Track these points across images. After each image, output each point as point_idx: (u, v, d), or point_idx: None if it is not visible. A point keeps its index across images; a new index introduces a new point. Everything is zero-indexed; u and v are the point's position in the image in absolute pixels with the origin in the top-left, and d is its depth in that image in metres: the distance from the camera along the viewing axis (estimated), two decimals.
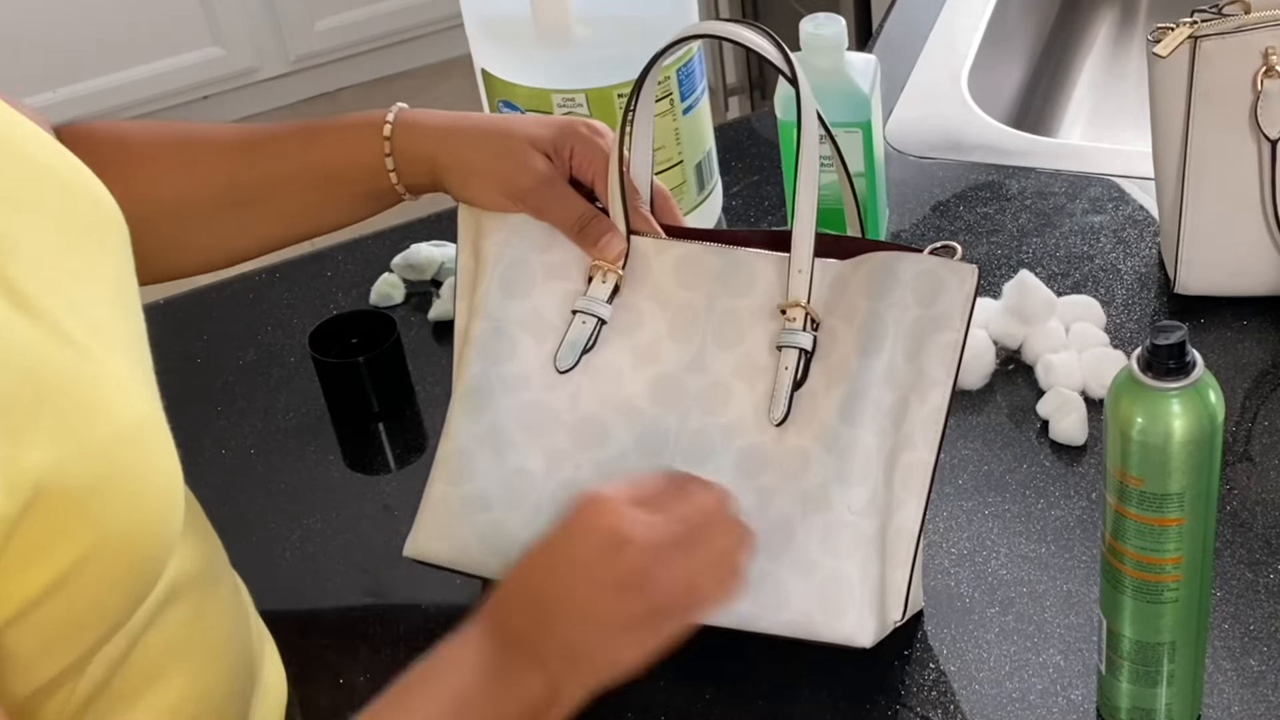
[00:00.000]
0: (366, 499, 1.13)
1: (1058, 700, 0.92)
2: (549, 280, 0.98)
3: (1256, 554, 0.99)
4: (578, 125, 0.97)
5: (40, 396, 0.69)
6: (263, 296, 1.33)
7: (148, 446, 0.76)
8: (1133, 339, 1.16)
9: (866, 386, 0.90)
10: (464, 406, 0.98)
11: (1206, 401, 0.77)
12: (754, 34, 0.91)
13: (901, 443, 0.91)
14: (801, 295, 0.93)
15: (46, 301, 0.73)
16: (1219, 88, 1.11)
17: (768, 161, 1.38)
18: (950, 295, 0.91)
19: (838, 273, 0.93)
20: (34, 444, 0.68)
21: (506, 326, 0.97)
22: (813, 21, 1.18)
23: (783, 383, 0.92)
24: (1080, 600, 0.97)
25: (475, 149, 0.98)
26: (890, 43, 1.56)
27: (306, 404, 1.21)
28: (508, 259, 0.98)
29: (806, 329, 0.92)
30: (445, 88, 3.45)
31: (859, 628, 0.91)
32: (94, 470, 0.70)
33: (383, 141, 0.98)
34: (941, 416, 0.91)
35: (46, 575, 0.69)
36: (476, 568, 0.97)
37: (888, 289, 0.91)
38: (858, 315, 0.92)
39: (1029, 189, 1.33)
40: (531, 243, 0.98)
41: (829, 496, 0.91)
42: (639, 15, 1.23)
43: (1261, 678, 0.92)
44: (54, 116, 0.94)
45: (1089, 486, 1.05)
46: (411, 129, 0.98)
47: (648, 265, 0.97)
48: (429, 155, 0.98)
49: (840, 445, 0.91)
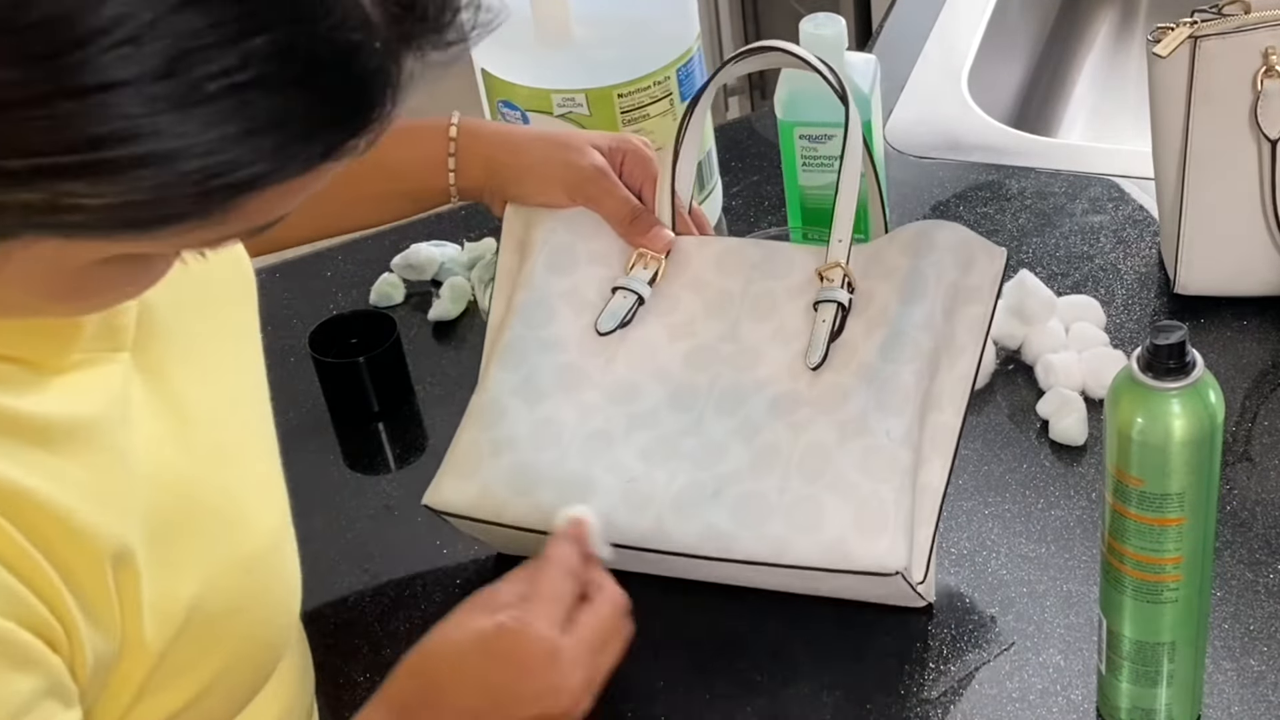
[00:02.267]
0: (366, 499, 1.13)
1: (1058, 700, 0.92)
2: (592, 265, 1.02)
3: (1256, 554, 0.99)
4: (632, 138, 1.04)
5: (192, 516, 0.70)
6: (263, 296, 1.32)
7: (281, 558, 0.79)
8: (1133, 339, 1.16)
9: (906, 329, 0.94)
10: (501, 361, 1.00)
11: (1206, 401, 0.77)
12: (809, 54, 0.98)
13: (933, 400, 0.94)
14: (841, 258, 0.97)
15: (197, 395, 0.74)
16: (1219, 88, 1.11)
17: (768, 161, 1.38)
18: (981, 269, 0.96)
19: (876, 247, 0.98)
20: (186, 573, 0.69)
21: (548, 299, 1.02)
22: (813, 21, 1.18)
23: (820, 333, 0.96)
24: (1080, 600, 0.97)
25: (534, 147, 1.03)
26: (890, 43, 1.56)
27: (306, 404, 1.21)
28: (554, 242, 1.03)
29: (843, 287, 0.96)
30: (445, 88, 3.43)
31: (891, 551, 0.91)
32: (238, 588, 0.73)
33: (448, 142, 1.03)
34: (968, 385, 0.94)
35: (189, 692, 0.71)
36: (496, 512, 0.97)
37: (926, 250, 0.96)
38: (897, 273, 0.96)
39: (1029, 189, 1.33)
40: (578, 231, 1.03)
41: (867, 422, 0.93)
42: (639, 15, 1.23)
43: (1261, 678, 0.92)
44: None
45: (1089, 486, 1.05)
46: (475, 131, 1.04)
47: (688, 259, 1.01)
48: (489, 155, 1.03)
49: (881, 378, 0.93)
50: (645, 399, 0.98)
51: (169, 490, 0.69)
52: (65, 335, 0.67)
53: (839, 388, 0.94)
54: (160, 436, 0.71)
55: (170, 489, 0.70)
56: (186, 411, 0.73)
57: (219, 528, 0.73)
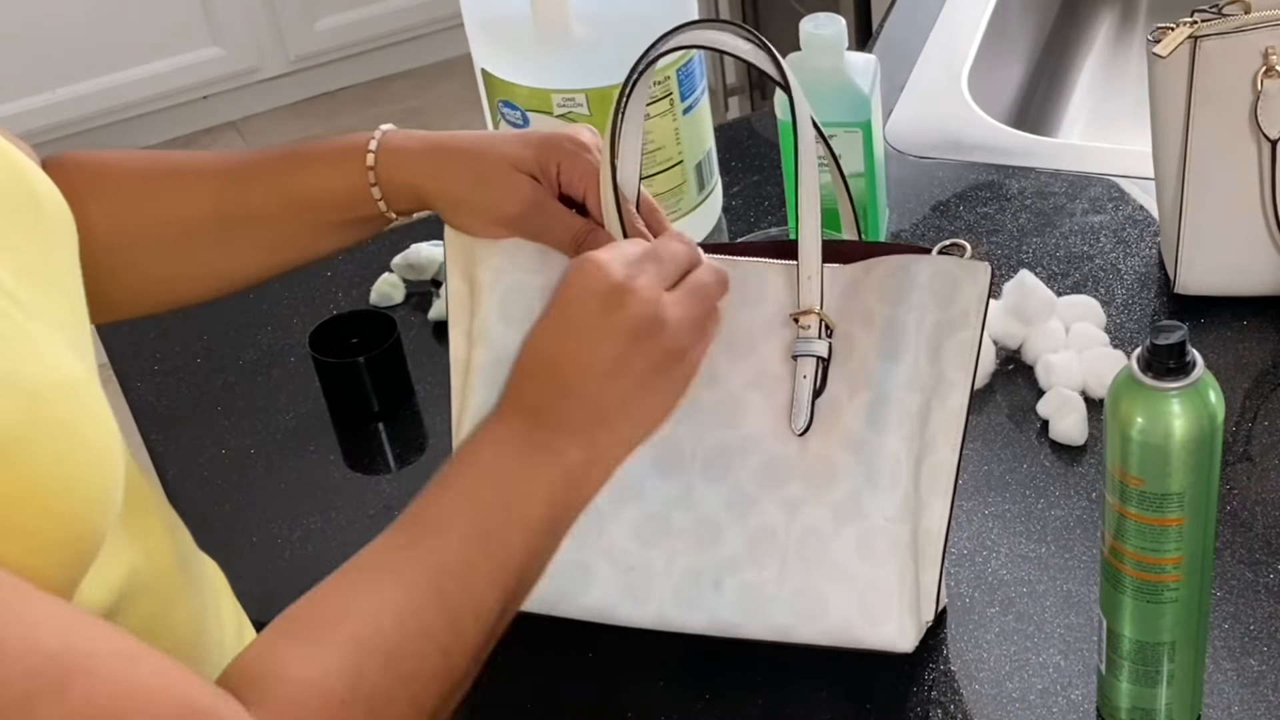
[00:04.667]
0: (366, 499, 1.13)
1: (1058, 700, 0.92)
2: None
3: (1256, 554, 0.99)
4: (561, 140, 0.95)
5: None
6: (263, 296, 1.33)
7: (76, 405, 0.74)
8: (1133, 339, 1.16)
9: (892, 391, 0.90)
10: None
11: (1206, 401, 0.77)
12: (739, 40, 0.88)
13: (926, 447, 0.91)
14: (814, 301, 0.91)
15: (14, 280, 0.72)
16: (1219, 88, 1.11)
17: (768, 161, 1.38)
18: (965, 294, 0.90)
19: (849, 277, 0.92)
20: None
21: (509, 357, 0.93)
22: (813, 21, 1.18)
23: (803, 392, 0.91)
24: (1080, 600, 0.97)
25: (458, 178, 0.95)
26: (890, 43, 1.56)
27: (306, 404, 1.21)
28: (503, 285, 0.95)
29: (821, 336, 0.91)
30: (445, 88, 3.45)
31: (900, 633, 0.91)
32: (19, 420, 0.69)
33: (366, 171, 0.95)
34: (962, 417, 0.91)
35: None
36: None
37: (905, 292, 0.90)
38: (876, 320, 0.91)
39: (1029, 189, 1.33)
40: (525, 266, 0.95)
41: (861, 505, 0.91)
42: (639, 15, 1.22)
43: (1261, 678, 0.92)
44: (54, 117, 0.95)
45: (1089, 486, 1.05)
46: (395, 155, 0.95)
47: None
48: (413, 184, 0.95)
49: (868, 452, 0.91)
50: (629, 463, 0.90)
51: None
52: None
53: (828, 462, 0.91)
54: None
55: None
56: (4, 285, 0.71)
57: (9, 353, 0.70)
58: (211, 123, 3.48)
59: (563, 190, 0.95)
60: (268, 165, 1.00)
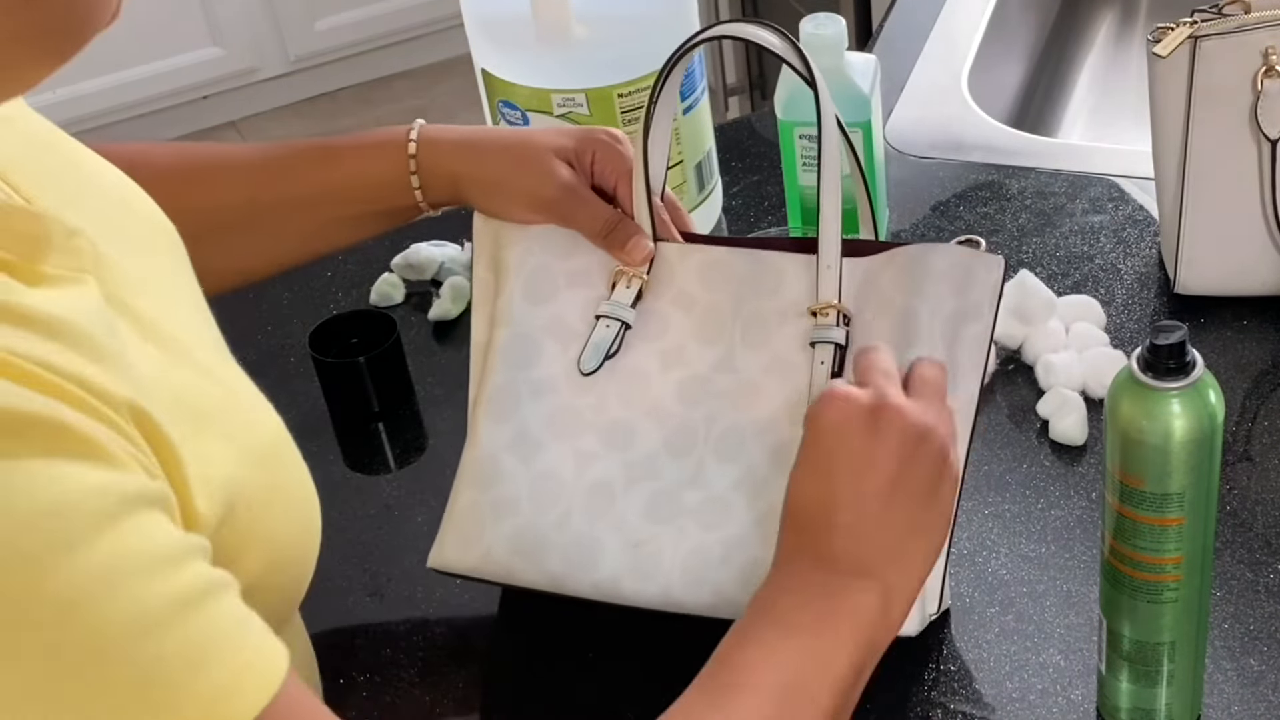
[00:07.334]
0: (366, 499, 1.13)
1: (1058, 700, 0.92)
2: (572, 287, 0.98)
3: (1256, 554, 0.99)
4: (598, 133, 0.99)
5: (200, 421, 0.69)
6: (263, 296, 1.33)
7: (290, 458, 0.77)
8: (1133, 339, 1.16)
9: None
10: (489, 412, 0.97)
11: (1206, 401, 0.77)
12: (774, 36, 0.91)
13: None
14: (832, 293, 0.93)
15: (167, 324, 0.73)
16: (1219, 88, 1.11)
17: (768, 161, 1.38)
18: (979, 286, 0.92)
19: (867, 268, 0.94)
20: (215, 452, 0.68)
21: (531, 333, 0.97)
22: (813, 21, 1.18)
23: (819, 377, 0.93)
24: (1080, 600, 0.97)
25: (498, 163, 0.99)
26: (890, 43, 1.56)
27: (306, 404, 1.21)
28: (530, 266, 0.98)
29: (839, 324, 0.93)
30: (445, 88, 3.45)
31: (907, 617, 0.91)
32: (259, 481, 0.71)
33: (408, 160, 0.99)
34: (972, 408, 0.92)
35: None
36: (503, 575, 0.96)
37: (922, 283, 0.92)
38: (893, 310, 0.92)
39: (1029, 189, 1.33)
40: (554, 250, 0.98)
41: None
42: (639, 15, 1.23)
43: (1261, 678, 0.92)
44: (54, 117, 0.95)
45: (1089, 486, 1.05)
46: (435, 145, 0.99)
47: (672, 271, 0.97)
48: (452, 171, 0.99)
49: None
50: (642, 443, 0.96)
51: (172, 392, 0.68)
52: (32, 236, 0.65)
53: None
54: (149, 353, 0.70)
55: (174, 391, 0.68)
56: (161, 335, 0.72)
57: (230, 423, 0.71)
58: (211, 123, 3.48)
59: (595, 181, 0.98)
60: (302, 156, 1.02)
